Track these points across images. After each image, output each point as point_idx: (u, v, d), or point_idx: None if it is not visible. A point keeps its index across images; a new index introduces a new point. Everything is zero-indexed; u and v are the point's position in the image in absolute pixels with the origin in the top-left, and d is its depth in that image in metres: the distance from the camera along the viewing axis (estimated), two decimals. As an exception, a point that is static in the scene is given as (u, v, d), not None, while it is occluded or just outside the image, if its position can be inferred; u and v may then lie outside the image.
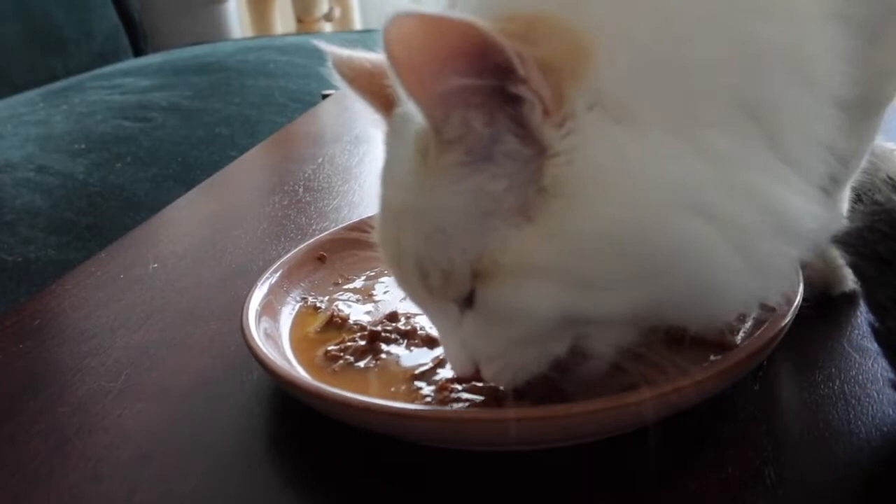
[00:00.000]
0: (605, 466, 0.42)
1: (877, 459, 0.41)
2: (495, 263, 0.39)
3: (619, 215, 0.37)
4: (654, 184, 0.37)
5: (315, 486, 0.44)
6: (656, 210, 0.37)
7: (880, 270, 0.40)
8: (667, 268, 0.37)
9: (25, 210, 1.03)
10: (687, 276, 0.38)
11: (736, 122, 0.38)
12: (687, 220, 0.37)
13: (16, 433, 0.49)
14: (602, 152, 0.37)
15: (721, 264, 0.37)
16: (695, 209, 0.37)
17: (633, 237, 0.37)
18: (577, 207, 0.37)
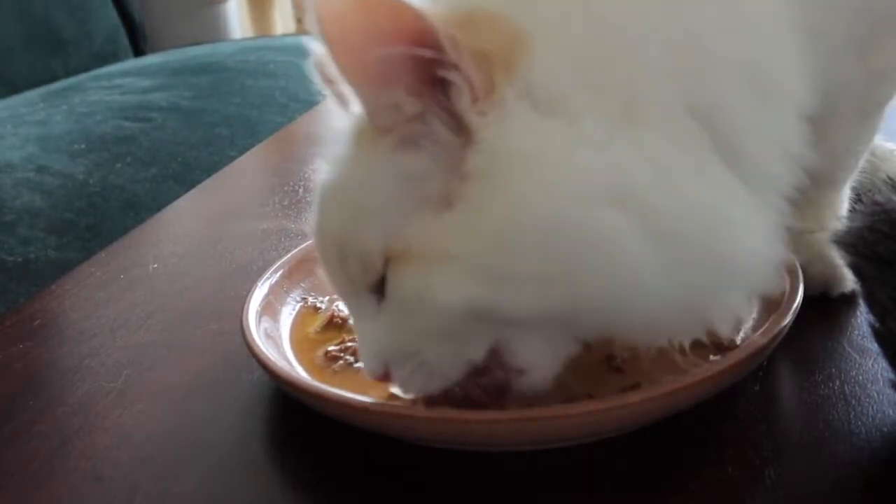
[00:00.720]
0: (605, 466, 0.42)
1: (877, 460, 0.41)
2: (408, 248, 0.38)
3: (536, 204, 0.36)
4: (574, 173, 0.36)
5: (315, 486, 0.44)
6: (573, 200, 0.36)
7: (880, 270, 0.40)
8: (579, 261, 0.36)
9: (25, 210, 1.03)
10: (600, 271, 0.36)
11: (680, 125, 0.38)
12: (604, 212, 0.36)
13: (16, 433, 0.49)
14: (525, 141, 0.37)
15: (638, 261, 0.36)
16: (614, 201, 0.36)
17: (548, 228, 0.36)
18: (494, 195, 0.37)
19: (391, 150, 0.39)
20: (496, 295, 0.37)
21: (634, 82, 0.38)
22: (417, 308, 0.39)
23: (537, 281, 0.37)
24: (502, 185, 0.37)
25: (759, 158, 0.40)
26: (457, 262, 0.37)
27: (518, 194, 0.36)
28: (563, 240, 0.36)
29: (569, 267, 0.36)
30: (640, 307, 0.38)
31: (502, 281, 0.37)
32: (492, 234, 0.37)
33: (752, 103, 0.40)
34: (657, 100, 0.38)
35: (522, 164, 0.37)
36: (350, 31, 0.36)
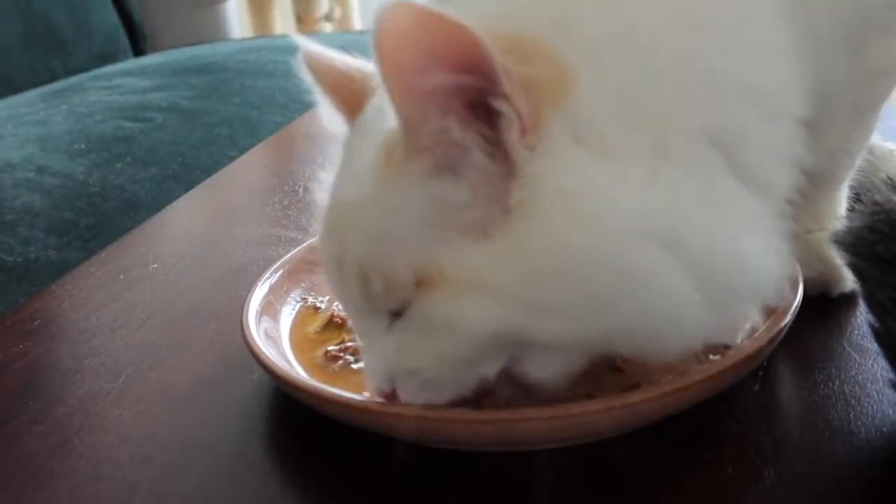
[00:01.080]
0: (605, 466, 0.42)
1: (877, 460, 0.41)
2: (442, 274, 0.38)
3: (579, 241, 0.37)
4: (618, 213, 0.37)
5: (315, 486, 0.44)
6: (616, 239, 0.37)
7: (880, 270, 0.40)
8: (621, 296, 0.37)
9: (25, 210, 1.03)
10: (642, 304, 0.37)
11: (702, 155, 0.39)
12: (646, 250, 0.37)
13: (16, 433, 0.49)
14: (570, 179, 0.37)
15: (678, 295, 0.37)
16: (655, 241, 0.37)
17: (590, 265, 0.37)
18: (537, 230, 0.37)
19: (426, 173, 0.38)
20: (529, 324, 0.38)
21: (666, 116, 0.39)
22: (442, 332, 0.39)
23: (573, 313, 0.38)
24: (545, 220, 0.37)
25: (767, 171, 0.41)
26: (494, 293, 0.38)
27: (561, 232, 0.37)
28: (605, 276, 0.37)
29: (608, 302, 0.37)
30: (674, 334, 0.39)
31: (537, 311, 0.38)
32: (532, 268, 0.37)
33: (759, 121, 0.41)
34: (683, 133, 0.39)
35: (566, 201, 0.37)
36: (406, 49, 0.35)
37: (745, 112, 0.40)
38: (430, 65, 0.35)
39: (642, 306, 0.37)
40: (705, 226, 0.38)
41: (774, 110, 0.41)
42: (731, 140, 0.40)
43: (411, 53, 0.35)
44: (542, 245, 0.37)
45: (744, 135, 0.40)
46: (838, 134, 0.53)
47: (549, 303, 0.37)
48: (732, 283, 0.39)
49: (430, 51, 0.35)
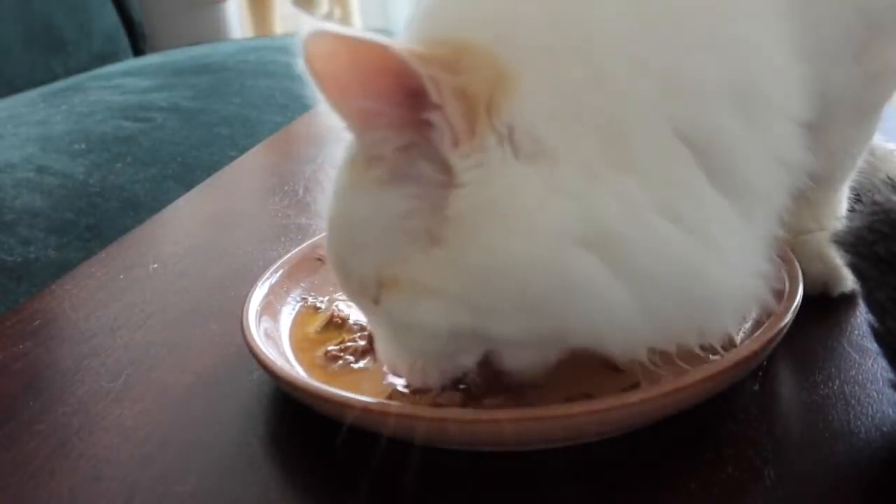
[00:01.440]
0: (605, 466, 0.42)
1: (877, 460, 0.41)
2: (395, 277, 0.40)
3: (511, 251, 0.37)
4: (548, 222, 0.37)
5: (315, 486, 0.44)
6: (547, 247, 0.37)
7: (880, 270, 0.40)
8: (556, 302, 0.38)
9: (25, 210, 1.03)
10: (574, 307, 0.38)
11: (668, 153, 0.38)
12: (577, 257, 0.37)
13: (16, 433, 0.49)
14: (504, 187, 0.37)
15: (611, 301, 0.37)
16: (587, 247, 0.37)
17: (524, 272, 0.37)
18: (472, 239, 0.38)
19: (381, 184, 0.40)
20: (478, 323, 0.39)
21: (621, 115, 0.38)
22: (405, 330, 0.42)
23: (515, 315, 0.39)
24: (480, 229, 0.38)
25: (751, 177, 0.40)
26: (440, 295, 0.39)
27: (495, 240, 0.37)
28: (540, 283, 0.37)
29: (546, 305, 0.38)
30: (619, 338, 0.39)
31: (485, 314, 0.39)
32: (471, 274, 0.38)
33: (743, 122, 0.40)
34: (645, 130, 0.38)
35: (500, 210, 0.37)
36: (336, 70, 0.36)
37: (723, 110, 0.39)
38: (359, 81, 0.36)
39: (575, 309, 0.38)
40: (650, 233, 0.37)
41: (766, 111, 0.41)
42: (707, 139, 0.39)
43: (340, 73, 0.36)
44: (477, 253, 0.38)
45: (722, 136, 0.39)
46: (839, 135, 0.52)
47: (490, 305, 0.38)
48: (686, 294, 0.38)
49: (356, 69, 0.36)
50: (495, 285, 0.38)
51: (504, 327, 0.39)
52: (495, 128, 0.37)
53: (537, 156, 0.37)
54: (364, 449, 0.44)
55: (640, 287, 0.37)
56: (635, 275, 0.37)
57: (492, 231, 0.37)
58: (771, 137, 0.41)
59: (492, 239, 0.37)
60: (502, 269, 0.37)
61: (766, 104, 0.41)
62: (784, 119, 0.41)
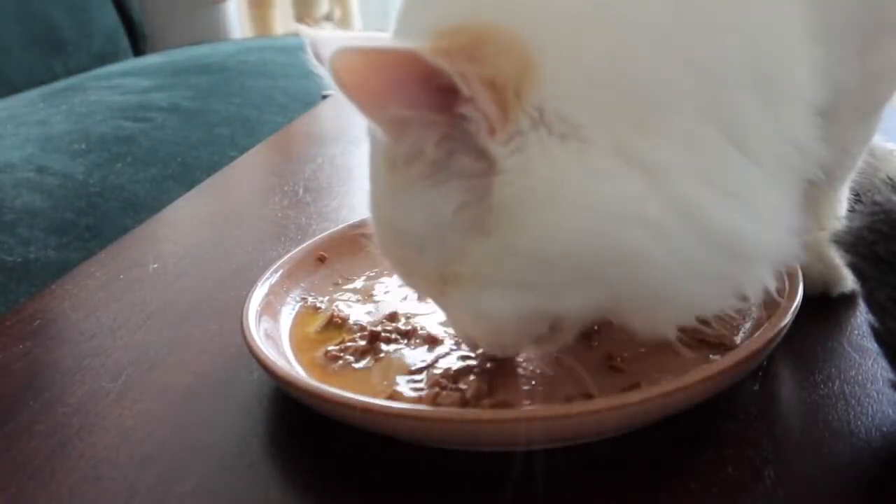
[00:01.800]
0: (605, 466, 0.42)
1: (877, 460, 0.41)
2: (457, 273, 0.41)
3: (561, 231, 0.38)
4: (592, 199, 0.38)
5: (315, 486, 0.44)
6: (594, 224, 0.38)
7: (880, 270, 0.40)
8: (611, 273, 0.39)
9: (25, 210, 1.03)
10: (630, 280, 0.39)
11: (693, 126, 0.39)
12: (623, 230, 0.38)
13: (16, 433, 0.49)
14: (544, 170, 0.38)
15: (662, 267, 0.38)
16: (630, 220, 0.38)
17: (576, 249, 0.38)
18: (521, 223, 0.38)
19: (422, 180, 0.40)
20: (545, 304, 0.41)
21: (647, 92, 0.38)
22: (474, 318, 0.43)
23: (578, 290, 0.40)
24: (529, 214, 0.38)
25: (773, 148, 0.41)
26: (502, 284, 0.40)
27: (543, 222, 0.38)
28: (589, 260, 0.38)
29: (599, 280, 0.39)
30: (670, 301, 0.40)
31: (543, 293, 0.40)
32: (526, 259, 0.39)
33: (761, 103, 0.40)
34: (670, 106, 0.39)
35: (543, 194, 0.38)
36: (366, 83, 0.36)
37: (746, 92, 0.40)
38: (392, 94, 0.37)
39: (634, 281, 0.39)
40: (685, 202, 0.38)
41: (783, 92, 0.41)
42: (728, 120, 0.40)
43: (369, 84, 0.37)
44: (525, 237, 0.39)
45: (744, 115, 0.40)
46: (839, 134, 0.52)
47: (547, 285, 0.40)
48: (725, 253, 0.39)
49: (386, 81, 0.37)
50: (548, 266, 0.39)
51: (565, 303, 0.40)
52: (527, 112, 0.37)
53: (570, 136, 0.38)
54: (364, 449, 0.44)
55: (684, 253, 0.38)
56: (677, 242, 0.38)
57: (537, 214, 0.38)
58: (787, 122, 0.41)
59: (538, 222, 0.38)
60: (552, 250, 0.38)
61: (782, 89, 0.41)
62: (799, 105, 0.42)
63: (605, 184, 0.38)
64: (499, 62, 0.37)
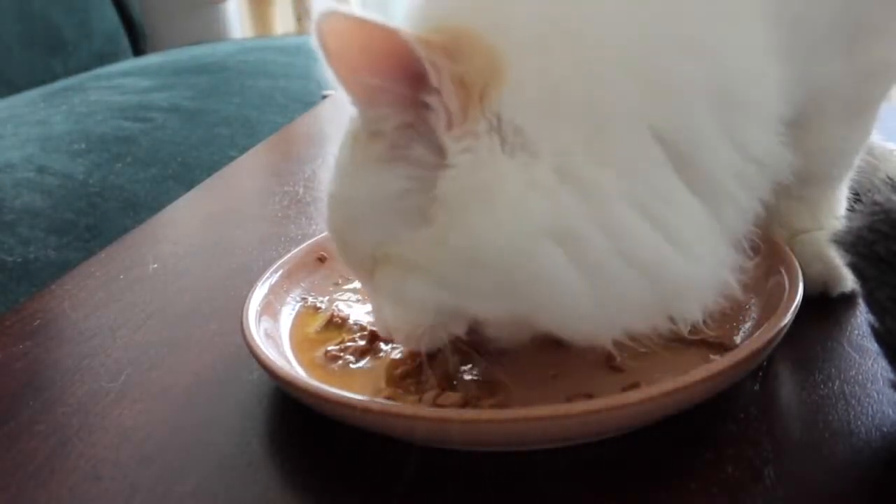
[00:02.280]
0: (605, 466, 0.42)
1: (877, 460, 0.41)
2: (387, 255, 0.43)
3: (489, 235, 0.39)
4: (523, 213, 0.39)
5: (315, 486, 0.44)
6: (519, 235, 0.39)
7: (880, 270, 0.40)
8: (523, 288, 0.40)
9: (25, 210, 1.03)
10: (540, 297, 0.40)
11: (643, 151, 0.40)
12: (545, 247, 0.39)
13: (16, 433, 0.49)
14: (487, 174, 0.39)
15: (573, 290, 0.40)
16: (555, 240, 0.39)
17: (499, 256, 0.39)
18: (455, 220, 0.40)
19: (380, 162, 0.42)
20: (460, 302, 0.42)
21: (601, 112, 0.40)
22: (395, 302, 0.45)
23: (492, 297, 0.41)
24: (463, 211, 0.40)
25: (722, 178, 0.42)
26: (426, 274, 0.42)
27: (475, 224, 0.40)
28: (511, 268, 0.40)
29: (515, 292, 0.40)
30: (579, 326, 0.42)
31: (464, 293, 0.42)
32: (452, 255, 0.40)
33: (718, 123, 0.41)
34: (623, 128, 0.40)
35: (481, 196, 0.39)
36: (346, 47, 0.38)
37: (699, 110, 0.41)
38: (367, 66, 0.39)
39: (540, 297, 0.40)
40: (615, 226, 0.39)
41: (742, 113, 0.42)
42: (681, 139, 0.41)
43: (350, 51, 0.38)
44: (457, 234, 0.40)
45: (698, 134, 0.41)
46: (832, 133, 0.53)
47: (468, 286, 0.41)
48: (641, 282, 0.40)
49: (365, 48, 0.38)
50: (472, 267, 0.40)
51: (481, 308, 0.42)
52: (486, 116, 0.39)
53: (519, 148, 0.39)
54: (364, 449, 0.44)
55: (601, 281, 0.40)
56: (596, 269, 0.39)
57: (472, 215, 0.40)
58: (745, 138, 0.42)
59: (472, 222, 0.40)
60: (478, 252, 0.40)
61: (741, 106, 0.42)
62: (760, 119, 0.43)
63: (539, 197, 0.39)
64: (471, 64, 0.39)
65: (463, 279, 0.41)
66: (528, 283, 0.40)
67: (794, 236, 0.55)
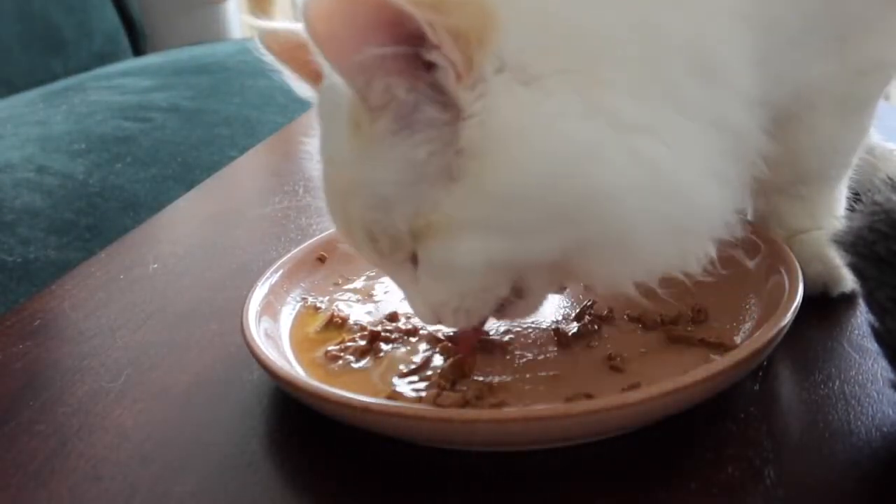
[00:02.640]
0: (605, 466, 0.42)
1: (877, 460, 0.41)
2: (428, 224, 0.42)
3: (528, 169, 0.40)
4: (557, 139, 0.40)
5: (315, 486, 0.44)
6: (561, 162, 0.40)
7: (880, 270, 0.40)
8: (579, 211, 0.41)
9: (25, 210, 1.03)
10: (597, 218, 0.41)
11: (640, 87, 0.41)
12: (590, 168, 0.40)
13: (16, 433, 0.49)
14: (509, 112, 0.40)
15: (623, 207, 0.41)
16: (594, 160, 0.40)
17: (542, 187, 0.40)
18: (490, 165, 0.40)
19: (391, 134, 0.41)
20: (514, 249, 0.42)
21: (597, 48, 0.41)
22: (448, 272, 0.44)
23: (545, 231, 0.41)
24: (497, 155, 0.40)
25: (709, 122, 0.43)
26: (473, 229, 0.42)
27: (510, 162, 0.40)
28: (560, 196, 0.40)
29: (570, 216, 0.41)
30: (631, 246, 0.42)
31: (516, 236, 0.42)
32: (496, 200, 0.41)
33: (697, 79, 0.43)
34: (618, 62, 0.41)
35: (509, 134, 0.40)
36: (336, 28, 0.38)
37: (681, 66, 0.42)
38: (360, 39, 0.38)
39: (600, 219, 0.41)
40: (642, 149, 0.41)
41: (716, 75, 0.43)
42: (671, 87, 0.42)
43: (342, 33, 0.38)
44: (495, 179, 0.40)
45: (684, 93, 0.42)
46: (826, 130, 0.53)
47: (518, 226, 0.41)
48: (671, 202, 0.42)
49: (358, 26, 0.38)
50: (520, 204, 0.41)
51: (534, 248, 0.42)
52: (490, 60, 0.40)
53: (531, 82, 0.40)
54: (364, 449, 0.44)
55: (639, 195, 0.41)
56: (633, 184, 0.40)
57: (504, 154, 0.40)
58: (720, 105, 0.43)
59: (505, 162, 0.40)
60: (520, 188, 0.40)
61: (715, 73, 0.43)
62: (732, 91, 0.44)
63: (569, 125, 0.40)
64: (462, 13, 0.39)
65: (511, 220, 0.41)
66: (583, 206, 0.40)
67: (792, 236, 0.55)
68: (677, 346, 0.49)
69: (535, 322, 0.52)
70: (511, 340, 0.51)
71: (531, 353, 0.49)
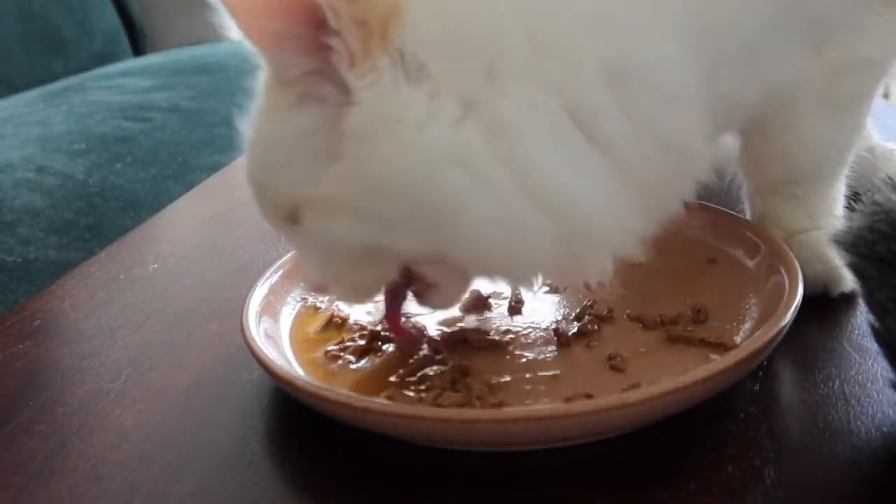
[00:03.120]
0: (605, 466, 0.42)
1: (877, 460, 0.41)
2: (309, 197, 0.44)
3: (397, 163, 0.41)
4: (427, 137, 0.41)
5: (315, 486, 0.44)
6: (423, 160, 0.41)
7: (880, 270, 0.40)
8: (432, 214, 0.42)
9: (25, 210, 1.03)
10: (449, 224, 0.42)
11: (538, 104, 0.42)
12: (447, 172, 0.41)
13: (16, 433, 0.49)
14: (389, 106, 0.41)
15: (474, 218, 0.41)
16: (457, 164, 0.41)
17: (408, 183, 0.41)
18: (363, 153, 0.42)
19: (290, 106, 0.43)
20: (382, 237, 0.43)
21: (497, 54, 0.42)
22: (323, 246, 0.46)
23: (409, 228, 0.42)
24: (370, 144, 0.42)
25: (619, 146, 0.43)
26: (346, 210, 0.43)
27: (381, 153, 0.41)
28: (419, 196, 0.41)
29: (428, 219, 0.42)
30: (497, 260, 0.44)
31: (380, 226, 0.43)
32: (367, 186, 0.42)
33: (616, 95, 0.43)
34: (517, 72, 0.42)
35: (388, 127, 0.41)
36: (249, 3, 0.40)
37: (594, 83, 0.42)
38: (269, 14, 0.40)
39: (451, 226, 0.42)
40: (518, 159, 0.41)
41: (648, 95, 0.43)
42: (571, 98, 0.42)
43: (251, 6, 0.40)
44: (368, 165, 0.42)
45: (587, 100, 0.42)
46: (814, 130, 0.53)
47: (386, 217, 0.42)
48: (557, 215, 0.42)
49: (267, 3, 0.40)
50: (384, 197, 0.42)
51: (401, 242, 0.43)
52: (388, 53, 0.41)
53: (423, 81, 0.41)
54: (364, 449, 0.44)
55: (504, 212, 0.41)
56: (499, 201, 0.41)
57: (378, 145, 0.41)
58: (655, 123, 0.44)
59: (378, 152, 0.41)
60: (387, 181, 0.41)
61: (648, 89, 0.43)
62: (674, 107, 0.44)
63: (444, 126, 0.41)
64: (369, 4, 0.40)
65: (378, 210, 0.42)
66: (435, 211, 0.41)
67: (791, 236, 0.55)
68: (677, 346, 0.49)
69: (535, 322, 0.52)
70: (511, 340, 0.51)
71: (531, 353, 0.49)
